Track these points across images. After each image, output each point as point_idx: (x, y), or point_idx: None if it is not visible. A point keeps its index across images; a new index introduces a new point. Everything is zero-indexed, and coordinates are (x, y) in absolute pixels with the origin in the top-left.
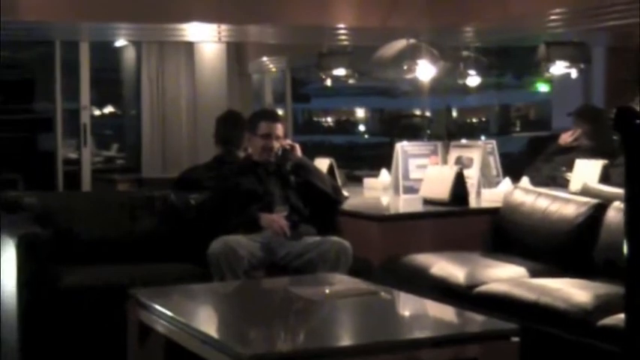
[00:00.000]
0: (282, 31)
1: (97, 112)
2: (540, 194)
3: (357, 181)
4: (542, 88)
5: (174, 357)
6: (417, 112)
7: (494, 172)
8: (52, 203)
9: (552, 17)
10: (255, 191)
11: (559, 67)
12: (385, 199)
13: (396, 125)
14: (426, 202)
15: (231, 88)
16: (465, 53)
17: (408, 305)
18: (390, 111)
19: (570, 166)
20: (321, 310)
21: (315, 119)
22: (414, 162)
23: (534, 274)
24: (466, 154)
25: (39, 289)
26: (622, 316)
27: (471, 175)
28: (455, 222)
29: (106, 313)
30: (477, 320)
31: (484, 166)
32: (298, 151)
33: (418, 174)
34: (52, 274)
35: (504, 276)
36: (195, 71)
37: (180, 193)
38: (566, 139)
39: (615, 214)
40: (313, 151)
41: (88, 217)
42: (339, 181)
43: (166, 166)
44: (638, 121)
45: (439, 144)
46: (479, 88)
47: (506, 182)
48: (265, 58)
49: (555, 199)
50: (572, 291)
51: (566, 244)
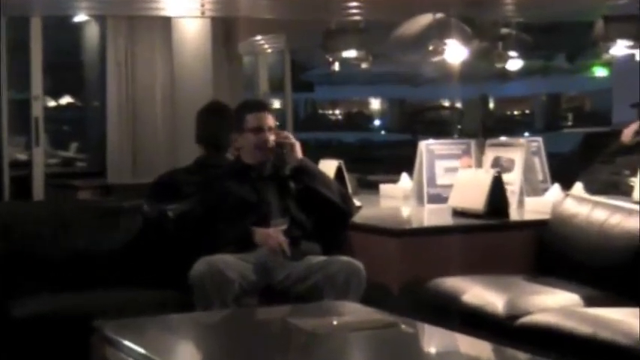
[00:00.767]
0: (279, 4)
1: (51, 104)
2: (597, 204)
3: (372, 187)
4: (600, 72)
5: None
6: (446, 104)
7: (540, 177)
8: None
9: None
10: (247, 200)
11: (620, 48)
12: (406, 210)
13: (420, 119)
14: (456, 213)
15: (217, 75)
16: (505, 30)
17: (434, 340)
18: (412, 102)
19: (635, 170)
20: (328, 346)
21: (320, 112)
22: (442, 164)
23: (589, 303)
24: (505, 154)
25: None
26: None
27: (512, 180)
28: (492, 238)
29: (65, 350)
30: (520, 359)
31: (528, 170)
32: (298, 151)
33: (447, 179)
34: None
35: (553, 304)
36: (174, 54)
37: (155, 203)
38: (629, 135)
39: None
40: (318, 151)
41: (41, 232)
42: (350, 188)
43: (138, 170)
44: None
45: (472, 142)
46: (521, 74)
47: (555, 189)
48: (259, 37)
49: (616, 209)
50: (637, 323)
51: (629, 265)
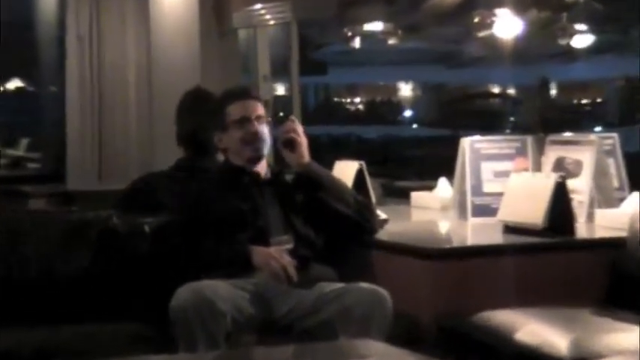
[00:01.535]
0: None
1: None
2: None
3: (401, 196)
4: None
5: None
6: (495, 90)
7: (615, 184)
8: None
9: None
10: (241, 212)
11: None
12: (444, 225)
13: (462, 110)
14: (508, 229)
15: (206, 54)
16: None
17: None
18: (452, 88)
19: None
20: None
21: (335, 100)
22: (490, 167)
23: None
24: (571, 154)
25: None
26: None
27: (579, 187)
28: (553, 261)
29: None
30: None
31: (599, 174)
32: (304, 153)
33: (496, 186)
34: None
35: (630, 346)
36: (151, 27)
37: (127, 215)
38: None
39: None
40: (332, 149)
41: None
42: (373, 197)
43: (105, 173)
44: None
45: (529, 139)
46: (591, 52)
47: (634, 199)
48: (259, 7)
49: None
50: None
51: None
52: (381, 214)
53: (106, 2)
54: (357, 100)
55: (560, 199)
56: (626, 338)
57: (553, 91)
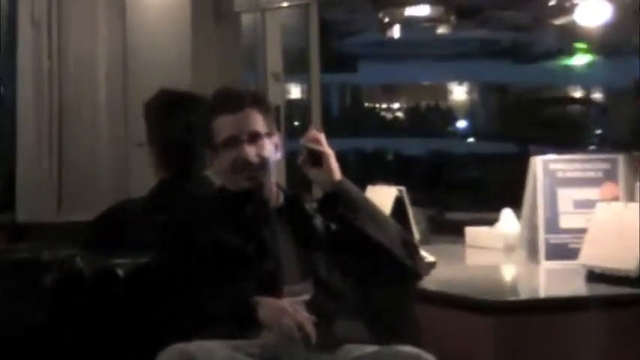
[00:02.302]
0: None
1: None
2: None
3: (453, 231)
4: None
5: None
6: (576, 94)
7: None
8: None
9: None
10: (243, 252)
11: None
12: (509, 270)
13: (533, 119)
14: (593, 276)
15: (199, 44)
16: None
17: None
18: (520, 90)
19: None
20: None
21: (367, 105)
22: (570, 195)
23: None
24: None
25: None
26: None
27: None
28: None
29: None
30: None
31: None
32: (334, 167)
33: (577, 220)
34: None
35: None
36: (128, 10)
37: (95, 255)
38: None
39: None
40: (363, 169)
41: None
42: (416, 233)
43: (66, 201)
44: None
45: (620, 158)
46: None
47: None
48: None
49: None
50: None
51: None
52: (427, 256)
53: None
54: (395, 105)
55: None
56: None
57: None
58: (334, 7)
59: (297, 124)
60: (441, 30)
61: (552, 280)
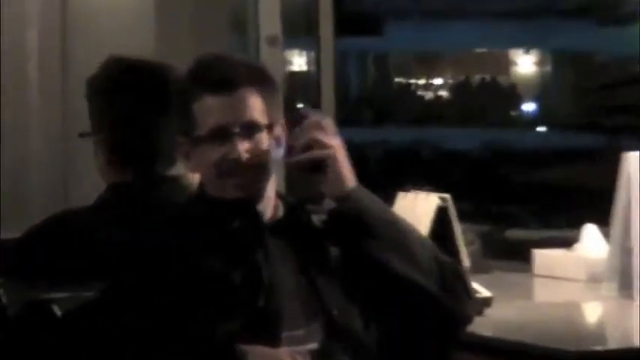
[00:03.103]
0: None
1: None
2: None
3: (516, 255)
4: None
5: None
6: None
7: None
8: None
9: None
10: (228, 283)
11: None
12: (594, 309)
13: (626, 101)
14: None
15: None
16: None
17: None
18: (607, 60)
19: None
20: None
21: (396, 81)
22: None
23: None
24: None
25: None
26: None
27: None
28: None
29: None
30: None
31: None
32: (342, 167)
33: None
34: None
35: None
36: None
37: (20, 284)
38: None
39: None
40: (391, 168)
41: None
42: (465, 258)
43: None
44: None
45: None
46: None
47: None
48: None
49: None
50: None
51: None
52: (480, 289)
53: None
54: (435, 81)
55: None
56: None
57: None
58: None
59: (300, 105)
60: None
61: None
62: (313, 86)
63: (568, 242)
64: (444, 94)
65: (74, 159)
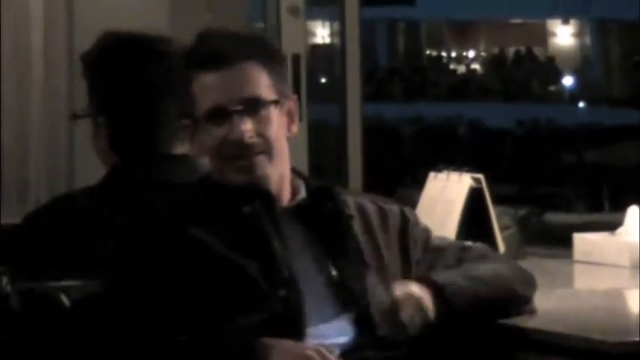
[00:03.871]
0: None
1: None
2: None
3: (555, 239)
4: None
5: None
6: None
7: None
8: None
9: None
10: (242, 272)
11: None
12: (637, 297)
13: None
14: None
15: None
16: None
17: None
18: None
19: None
20: None
21: (427, 54)
22: None
23: None
24: None
25: None
26: None
27: None
28: None
29: None
30: None
31: None
32: (426, 307)
33: None
34: None
35: None
36: None
37: (25, 273)
38: None
39: None
40: (423, 145)
41: None
42: (500, 243)
43: None
44: None
45: None
46: None
47: None
48: None
49: None
50: None
51: None
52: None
53: None
54: (470, 53)
55: None
56: None
57: None
58: None
59: (323, 80)
60: None
61: None
62: (337, 59)
63: (611, 226)
64: (476, 67)
65: (78, 139)
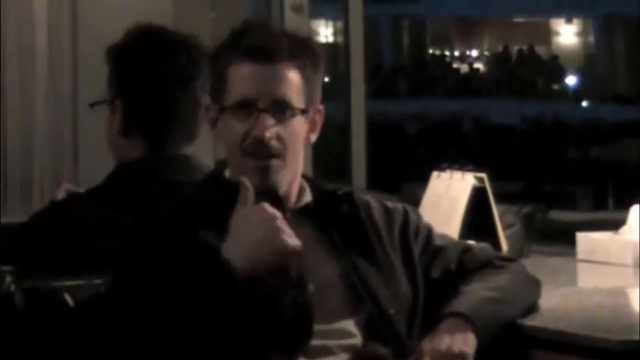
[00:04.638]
0: None
1: None
2: None
3: (559, 237)
4: None
5: None
6: None
7: None
8: None
9: None
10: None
11: None
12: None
13: None
14: None
15: None
16: None
17: None
18: None
19: None
20: None
21: (430, 53)
22: None
23: None
24: None
25: None
26: None
27: None
28: None
29: None
30: None
31: None
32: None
33: None
34: None
35: None
36: None
37: (29, 272)
38: None
39: None
40: (427, 143)
41: None
42: (503, 241)
43: None
44: None
45: None
46: None
47: None
48: None
49: None
50: None
51: None
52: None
53: None
54: (471, 52)
55: None
56: None
57: None
58: None
59: (326, 80)
60: None
61: None
62: (341, 56)
63: (615, 224)
64: (479, 66)
65: (83, 133)
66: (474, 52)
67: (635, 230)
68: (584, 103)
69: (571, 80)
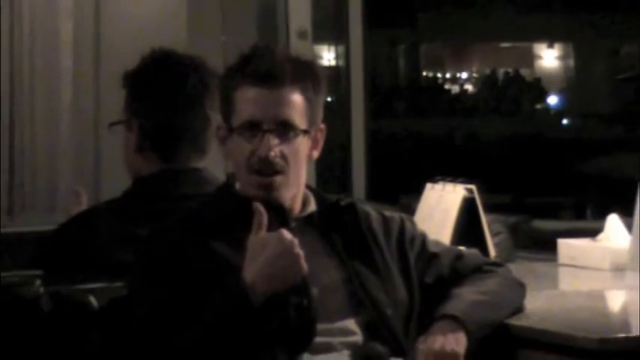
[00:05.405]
0: None
1: None
2: None
3: (542, 244)
4: None
5: None
6: None
7: None
8: None
9: None
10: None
11: None
12: (618, 298)
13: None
14: None
15: None
16: None
17: None
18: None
19: None
20: None
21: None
22: None
23: None
24: None
25: None
26: None
27: None
28: None
29: None
30: None
31: None
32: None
33: None
34: None
35: None
36: None
37: (56, 275)
38: None
39: None
40: (421, 157)
41: None
42: (491, 248)
43: (18, 205)
44: None
45: None
46: None
47: None
48: None
49: None
50: None
51: None
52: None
53: None
54: (462, 74)
55: None
56: None
57: None
58: None
59: (329, 99)
60: None
61: None
62: (343, 79)
63: (594, 232)
64: (469, 87)
65: (105, 151)
66: (464, 74)
67: (612, 237)
68: (565, 120)
69: (552, 100)
